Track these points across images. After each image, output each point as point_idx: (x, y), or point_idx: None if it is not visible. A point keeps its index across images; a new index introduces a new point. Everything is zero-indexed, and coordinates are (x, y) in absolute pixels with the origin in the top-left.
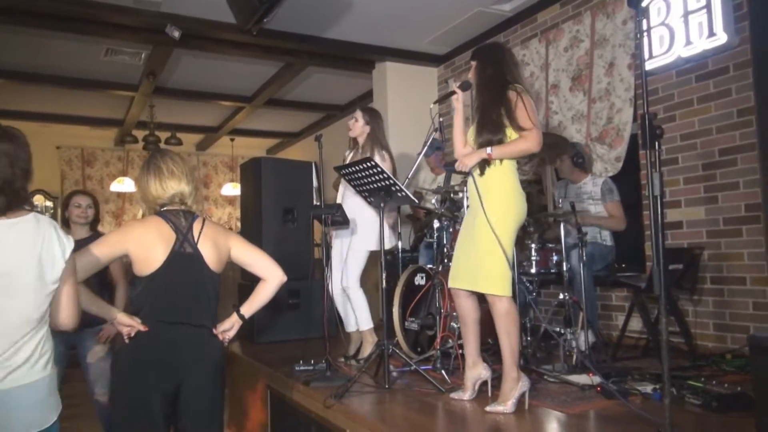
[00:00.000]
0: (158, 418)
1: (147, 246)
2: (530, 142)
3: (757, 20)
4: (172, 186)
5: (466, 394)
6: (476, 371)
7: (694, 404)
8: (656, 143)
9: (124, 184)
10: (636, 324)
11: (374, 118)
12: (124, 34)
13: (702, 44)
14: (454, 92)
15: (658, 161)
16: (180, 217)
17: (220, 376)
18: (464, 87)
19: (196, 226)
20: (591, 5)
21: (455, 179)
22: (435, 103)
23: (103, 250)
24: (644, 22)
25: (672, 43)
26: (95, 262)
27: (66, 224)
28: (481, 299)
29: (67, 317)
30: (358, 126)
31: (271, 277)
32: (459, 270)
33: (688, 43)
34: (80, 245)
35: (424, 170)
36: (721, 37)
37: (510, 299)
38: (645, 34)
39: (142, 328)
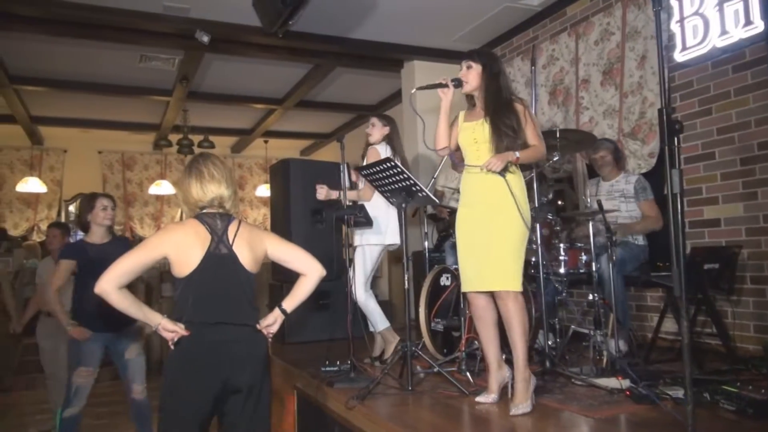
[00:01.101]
0: (205, 418)
1: (184, 248)
2: (541, 153)
3: None
4: (212, 189)
5: (490, 397)
6: (501, 374)
7: (728, 410)
8: (675, 139)
9: (162, 187)
10: (671, 325)
11: (390, 123)
12: (156, 41)
13: (738, 33)
14: (444, 84)
15: (677, 157)
16: (216, 220)
17: (266, 372)
18: (457, 84)
19: (232, 228)
20: None
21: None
22: (418, 89)
23: (147, 253)
24: (678, 12)
25: (707, 33)
26: (140, 264)
27: (85, 227)
28: None
29: None
30: (376, 131)
31: (310, 271)
32: (474, 272)
33: (724, 32)
34: (109, 248)
35: (447, 169)
36: (759, 26)
37: (523, 295)
38: (678, 24)
39: (184, 333)
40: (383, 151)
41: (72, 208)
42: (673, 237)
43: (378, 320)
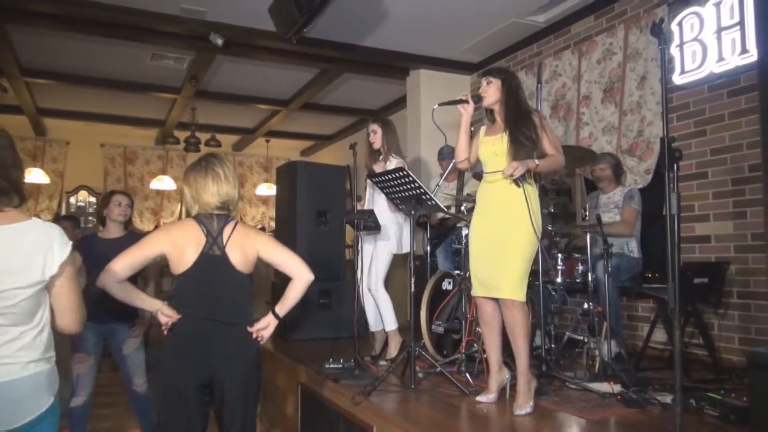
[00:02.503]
0: (194, 404)
1: (180, 247)
2: (560, 163)
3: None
4: (227, 191)
5: (490, 397)
6: (502, 375)
7: (712, 415)
8: (674, 165)
9: (164, 182)
10: (661, 335)
11: (390, 125)
12: (169, 41)
13: (734, 60)
14: (465, 101)
15: (676, 183)
16: (213, 221)
17: (252, 373)
18: (476, 99)
19: (227, 230)
20: (624, 18)
21: (470, 188)
22: (440, 105)
23: (144, 250)
24: (678, 36)
25: (704, 58)
26: (138, 260)
27: (103, 221)
28: None
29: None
30: (378, 137)
31: (298, 276)
32: (485, 279)
33: (721, 59)
34: (117, 243)
35: (435, 178)
36: (754, 54)
37: (526, 304)
38: (678, 48)
39: (176, 317)
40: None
41: (73, 200)
42: (670, 254)
43: (390, 319)
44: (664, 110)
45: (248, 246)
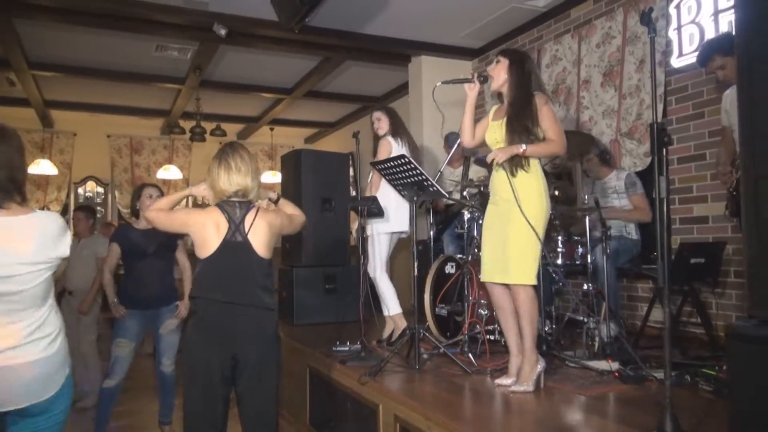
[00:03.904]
0: (217, 381)
1: (205, 233)
2: (558, 148)
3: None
4: (238, 182)
5: (509, 380)
6: (520, 358)
7: (706, 390)
8: (663, 150)
9: (170, 172)
10: (659, 315)
11: (394, 115)
12: (173, 32)
13: None
14: (470, 80)
15: (666, 166)
16: (236, 209)
17: (273, 349)
18: (483, 80)
19: (249, 217)
20: (623, 2)
21: (475, 173)
22: (443, 82)
23: (182, 215)
24: (675, 19)
25: (701, 41)
26: (175, 222)
27: (136, 214)
28: None
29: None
30: (383, 125)
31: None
32: (492, 264)
33: None
34: (152, 233)
35: (441, 164)
36: None
37: (534, 288)
38: (676, 31)
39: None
40: (395, 144)
41: (81, 190)
42: (659, 236)
43: (392, 304)
44: (653, 98)
45: (272, 225)
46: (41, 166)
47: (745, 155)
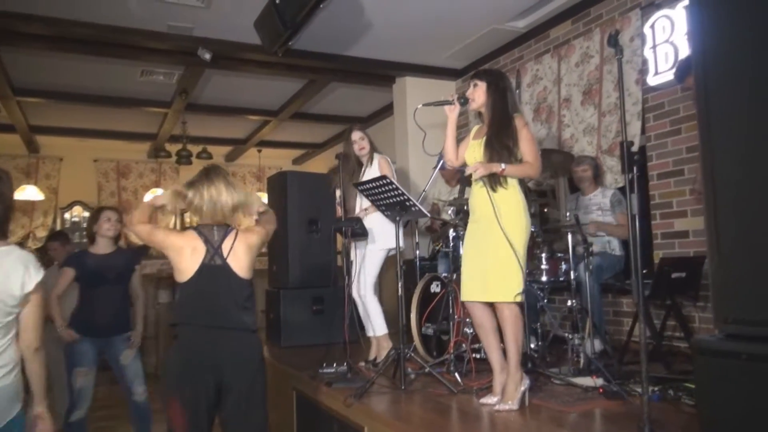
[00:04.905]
0: (202, 408)
1: (182, 257)
2: (534, 170)
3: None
4: (219, 208)
5: (494, 399)
6: (504, 376)
7: (688, 405)
8: (633, 168)
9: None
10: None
11: (369, 135)
12: (159, 57)
13: None
14: (450, 102)
15: (636, 184)
16: (214, 232)
17: (259, 373)
18: (463, 102)
19: (228, 240)
20: (600, 22)
21: (469, 191)
22: (425, 105)
23: (161, 236)
24: (651, 39)
25: (676, 59)
26: (155, 240)
27: (92, 238)
28: None
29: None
30: (367, 144)
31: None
32: (472, 283)
33: None
34: (109, 259)
35: (440, 182)
36: None
37: (517, 305)
38: (651, 50)
39: None
40: (390, 162)
41: (67, 215)
42: (633, 251)
43: (379, 325)
44: (622, 115)
45: (251, 246)
46: (27, 192)
47: (705, 174)
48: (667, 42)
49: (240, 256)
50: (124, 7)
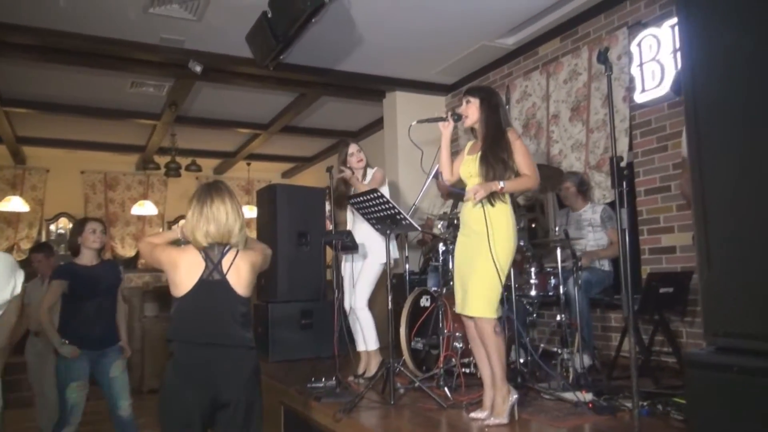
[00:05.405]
0: (198, 426)
1: (179, 271)
2: (532, 183)
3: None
4: (215, 233)
5: (484, 413)
6: (493, 391)
7: (677, 419)
8: (623, 182)
9: (145, 208)
10: None
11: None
12: (149, 69)
13: None
14: (444, 119)
15: (633, 198)
16: (214, 248)
17: (255, 390)
18: (456, 118)
19: (228, 257)
20: (588, 40)
21: (461, 206)
22: (419, 122)
23: (159, 252)
24: (638, 56)
25: (663, 77)
26: (153, 257)
27: (75, 249)
28: None
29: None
30: (363, 157)
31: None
32: (461, 297)
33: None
34: (98, 270)
35: (433, 195)
36: None
37: (498, 320)
38: (638, 68)
39: None
40: (385, 176)
41: (53, 227)
42: (623, 265)
43: (373, 339)
44: (612, 132)
45: (253, 265)
46: (12, 203)
47: (695, 183)
48: (653, 60)
49: (241, 273)
50: (115, 18)
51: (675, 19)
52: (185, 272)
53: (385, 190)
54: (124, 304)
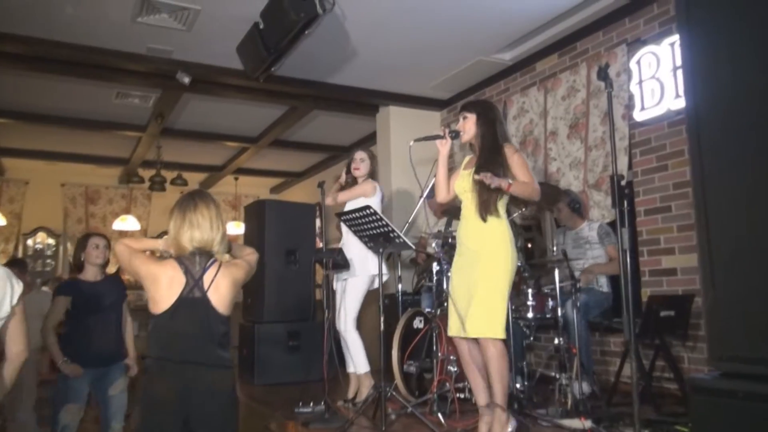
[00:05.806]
0: None
1: (159, 287)
2: (535, 191)
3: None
4: (199, 238)
5: None
6: (490, 417)
7: None
8: (624, 201)
9: (127, 222)
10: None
11: (374, 158)
12: (135, 79)
13: None
14: (441, 137)
15: (633, 218)
16: (195, 262)
17: (231, 412)
18: (454, 135)
19: (210, 272)
20: (587, 57)
21: (456, 224)
22: (416, 140)
23: (138, 262)
24: (637, 74)
25: (662, 95)
26: (132, 265)
27: (79, 266)
28: None
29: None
30: (364, 167)
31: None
32: (457, 318)
33: (678, 96)
34: (98, 287)
35: (426, 214)
36: None
37: (504, 342)
38: (638, 86)
39: None
40: (379, 189)
41: (30, 242)
42: (623, 287)
43: (362, 362)
44: (613, 150)
45: (235, 281)
46: None
47: (697, 205)
48: (653, 78)
49: (222, 291)
50: (101, 27)
51: (675, 37)
52: (165, 288)
53: (374, 203)
54: (129, 317)
